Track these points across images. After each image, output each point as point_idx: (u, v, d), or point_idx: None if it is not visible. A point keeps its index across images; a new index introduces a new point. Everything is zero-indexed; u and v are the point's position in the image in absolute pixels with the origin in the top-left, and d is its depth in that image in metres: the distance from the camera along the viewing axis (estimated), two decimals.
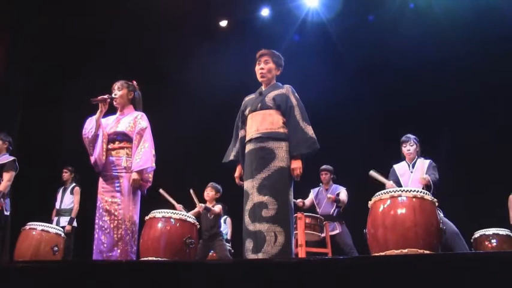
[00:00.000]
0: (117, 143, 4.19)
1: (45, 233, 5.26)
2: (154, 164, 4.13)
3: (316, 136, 3.85)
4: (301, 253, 5.70)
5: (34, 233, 5.26)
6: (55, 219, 6.72)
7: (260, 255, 3.57)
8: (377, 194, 3.95)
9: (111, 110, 4.37)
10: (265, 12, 8.88)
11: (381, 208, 3.83)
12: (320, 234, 6.10)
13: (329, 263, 2.57)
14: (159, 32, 8.21)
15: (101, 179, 4.15)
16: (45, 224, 5.38)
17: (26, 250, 5.16)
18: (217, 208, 5.44)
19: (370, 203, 3.97)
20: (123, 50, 8.21)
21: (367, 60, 8.07)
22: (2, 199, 5.34)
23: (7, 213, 5.50)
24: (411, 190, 3.85)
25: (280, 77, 4.17)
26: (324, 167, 6.78)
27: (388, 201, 3.82)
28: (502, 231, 5.61)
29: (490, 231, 5.65)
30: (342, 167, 6.94)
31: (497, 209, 5.93)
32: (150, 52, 8.33)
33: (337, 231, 6.41)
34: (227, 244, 6.30)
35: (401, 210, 3.75)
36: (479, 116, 7.46)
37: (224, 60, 7.79)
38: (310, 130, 3.85)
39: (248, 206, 3.77)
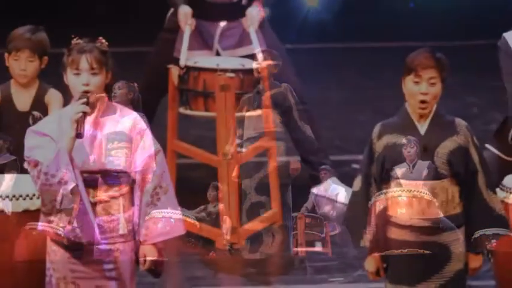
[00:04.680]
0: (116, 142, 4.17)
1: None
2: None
3: (315, 136, 3.84)
4: (301, 253, 5.68)
5: (34, 233, 5.25)
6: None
7: (257, 255, 3.57)
8: (377, 193, 3.93)
9: None
10: (265, 12, 8.85)
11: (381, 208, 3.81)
12: (320, 234, 6.08)
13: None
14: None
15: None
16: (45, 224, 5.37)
17: (26, 250, 5.15)
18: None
19: (369, 203, 3.96)
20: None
21: (367, 61, 8.06)
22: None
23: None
24: (411, 190, 3.83)
25: (279, 77, 4.16)
26: (324, 166, 6.76)
27: (388, 201, 3.81)
28: (502, 231, 5.59)
29: (490, 231, 5.63)
30: (341, 167, 6.91)
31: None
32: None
33: (337, 231, 6.39)
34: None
35: (401, 210, 3.73)
36: (480, 116, 7.44)
37: None
38: (308, 129, 3.84)
39: (245, 205, 3.76)
